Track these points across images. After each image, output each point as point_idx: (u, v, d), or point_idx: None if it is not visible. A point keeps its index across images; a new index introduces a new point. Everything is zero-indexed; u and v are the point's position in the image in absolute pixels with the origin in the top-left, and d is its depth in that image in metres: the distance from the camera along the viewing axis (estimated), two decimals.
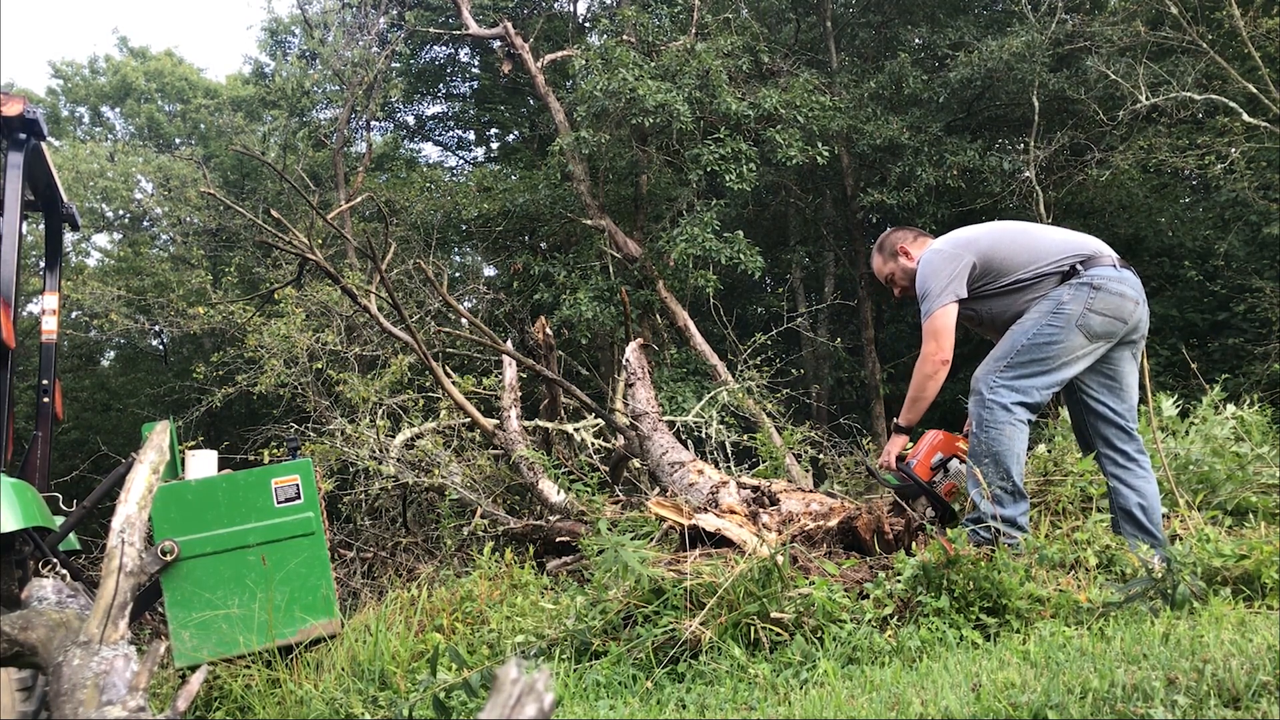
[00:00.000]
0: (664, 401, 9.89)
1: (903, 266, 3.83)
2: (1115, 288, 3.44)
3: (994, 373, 3.46)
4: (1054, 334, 3.41)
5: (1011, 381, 3.42)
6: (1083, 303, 3.41)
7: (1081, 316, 3.40)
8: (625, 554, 3.19)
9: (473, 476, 6.78)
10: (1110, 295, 3.43)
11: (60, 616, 2.72)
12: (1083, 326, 3.41)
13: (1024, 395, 3.40)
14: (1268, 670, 1.91)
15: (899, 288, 3.89)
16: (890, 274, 3.89)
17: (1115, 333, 3.46)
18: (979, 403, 3.46)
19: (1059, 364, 3.42)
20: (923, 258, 3.69)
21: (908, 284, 3.83)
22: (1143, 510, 3.45)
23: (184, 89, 23.37)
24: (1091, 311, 3.40)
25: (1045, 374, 3.42)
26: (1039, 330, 3.43)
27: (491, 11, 15.43)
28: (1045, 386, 3.44)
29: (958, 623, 2.82)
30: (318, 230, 12.45)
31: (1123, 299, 3.45)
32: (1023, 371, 3.42)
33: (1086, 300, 3.41)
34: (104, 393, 19.13)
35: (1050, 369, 3.42)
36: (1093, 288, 3.42)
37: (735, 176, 11.37)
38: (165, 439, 2.84)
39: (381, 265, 6.75)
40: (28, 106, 3.99)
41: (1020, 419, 3.40)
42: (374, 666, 3.36)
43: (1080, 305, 3.41)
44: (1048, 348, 3.40)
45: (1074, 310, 3.41)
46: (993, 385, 3.44)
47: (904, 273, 3.83)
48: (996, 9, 14.99)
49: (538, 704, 1.23)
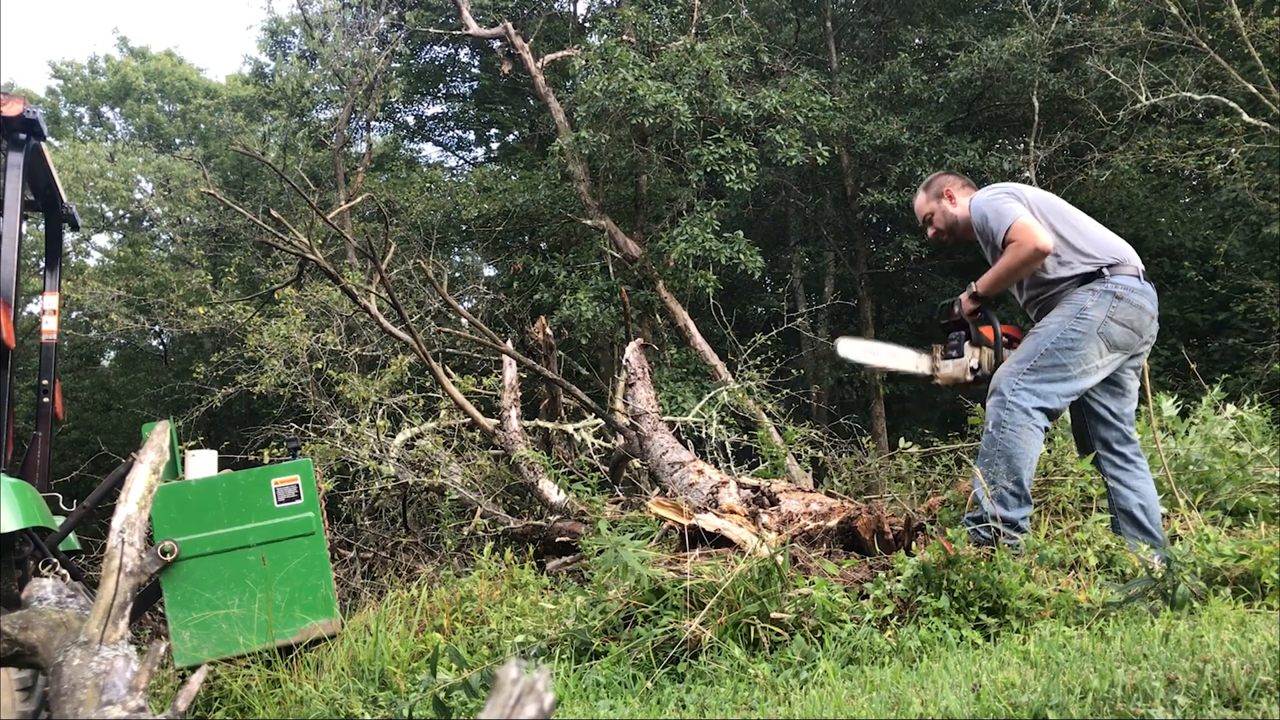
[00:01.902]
0: (664, 401, 9.88)
1: (944, 209, 3.82)
2: (1137, 300, 3.46)
3: (1016, 375, 3.45)
4: (1076, 339, 3.40)
5: (1034, 385, 3.40)
6: (1105, 310, 3.40)
7: (1103, 324, 3.40)
8: (625, 554, 3.19)
9: (473, 476, 6.78)
10: (1131, 307, 3.44)
11: (60, 616, 2.72)
12: (1103, 335, 3.41)
13: (1045, 401, 3.39)
14: (1268, 670, 1.91)
15: (934, 229, 3.89)
16: (930, 213, 3.88)
17: (1132, 345, 3.48)
18: (999, 403, 3.44)
19: (1080, 371, 3.41)
20: (982, 198, 3.66)
21: (943, 227, 3.83)
22: (1143, 511, 3.46)
23: (184, 89, 23.37)
24: (1113, 320, 3.41)
25: (1066, 381, 3.41)
26: (1062, 335, 3.41)
27: (491, 11, 15.43)
28: (1065, 394, 3.43)
29: (958, 623, 2.82)
30: (318, 230, 12.45)
31: (1142, 311, 3.46)
32: (1045, 376, 3.41)
33: (1109, 309, 3.41)
34: (104, 393, 19.13)
35: (1071, 376, 3.41)
36: (1115, 296, 3.42)
37: (735, 176, 11.37)
38: (165, 439, 2.84)
39: (381, 265, 6.75)
40: (28, 106, 3.99)
41: (1039, 424, 3.39)
42: (374, 666, 3.36)
43: (1103, 313, 3.40)
44: (1070, 353, 3.40)
45: (1096, 317, 3.40)
46: (1014, 387, 3.42)
47: (943, 215, 3.82)
48: (996, 9, 14.98)
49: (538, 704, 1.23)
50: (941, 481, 5.09)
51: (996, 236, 3.53)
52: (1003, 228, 3.50)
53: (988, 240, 3.61)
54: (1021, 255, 3.45)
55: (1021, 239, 3.44)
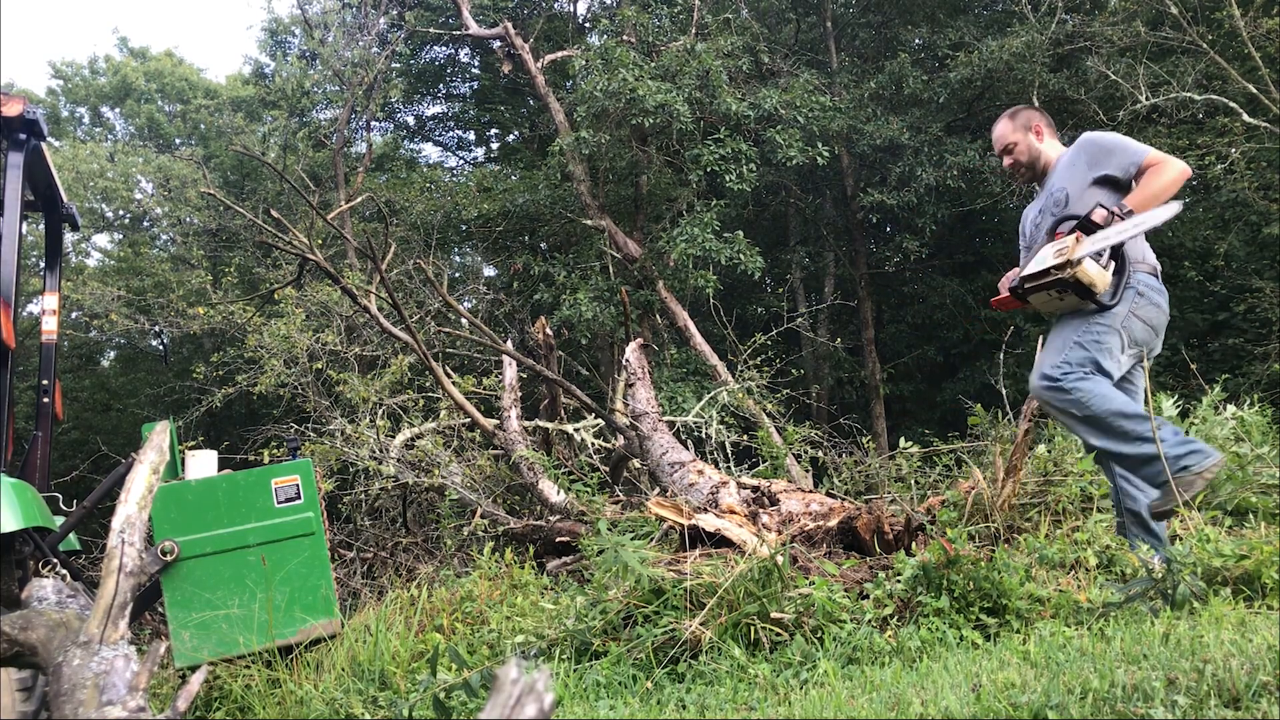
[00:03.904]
0: (664, 401, 9.88)
1: (1029, 143, 3.77)
2: (1155, 298, 3.46)
3: (1053, 364, 3.39)
4: (1101, 331, 3.39)
5: (1070, 358, 3.37)
6: (1129, 305, 3.40)
7: (1126, 319, 3.39)
8: (625, 554, 3.19)
9: (473, 476, 6.78)
10: (1151, 305, 3.44)
11: (60, 616, 2.72)
12: (1126, 329, 3.40)
13: (1087, 360, 3.35)
14: (1268, 670, 1.91)
15: (1014, 159, 3.81)
16: (1014, 143, 3.80)
17: (1149, 343, 3.47)
18: (1057, 394, 3.34)
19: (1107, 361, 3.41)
20: (1100, 136, 3.62)
21: (1025, 161, 3.77)
22: (1150, 513, 3.43)
23: (184, 89, 23.38)
24: (1135, 316, 3.40)
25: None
26: (1087, 327, 3.40)
27: (491, 11, 15.43)
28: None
29: (958, 623, 2.82)
30: (318, 230, 12.45)
31: (1160, 310, 3.46)
32: (1081, 354, 3.38)
33: (1132, 304, 3.40)
34: (104, 393, 19.13)
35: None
36: (1138, 293, 3.41)
37: (735, 177, 11.37)
38: (165, 439, 2.84)
39: (381, 265, 6.75)
40: (28, 107, 3.99)
41: (1091, 373, 3.33)
42: (374, 666, 3.36)
43: (1126, 308, 3.39)
44: (1097, 345, 3.39)
45: (1120, 311, 3.39)
46: (1057, 370, 3.36)
47: (1028, 148, 3.77)
48: (996, 9, 14.99)
49: (538, 704, 1.23)
50: (941, 481, 5.09)
51: (1137, 155, 3.47)
52: (1142, 151, 3.46)
53: (1098, 162, 3.51)
54: (1175, 174, 3.39)
55: (1170, 159, 3.41)
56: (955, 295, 14.48)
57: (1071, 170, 3.63)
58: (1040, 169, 3.78)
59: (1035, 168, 3.79)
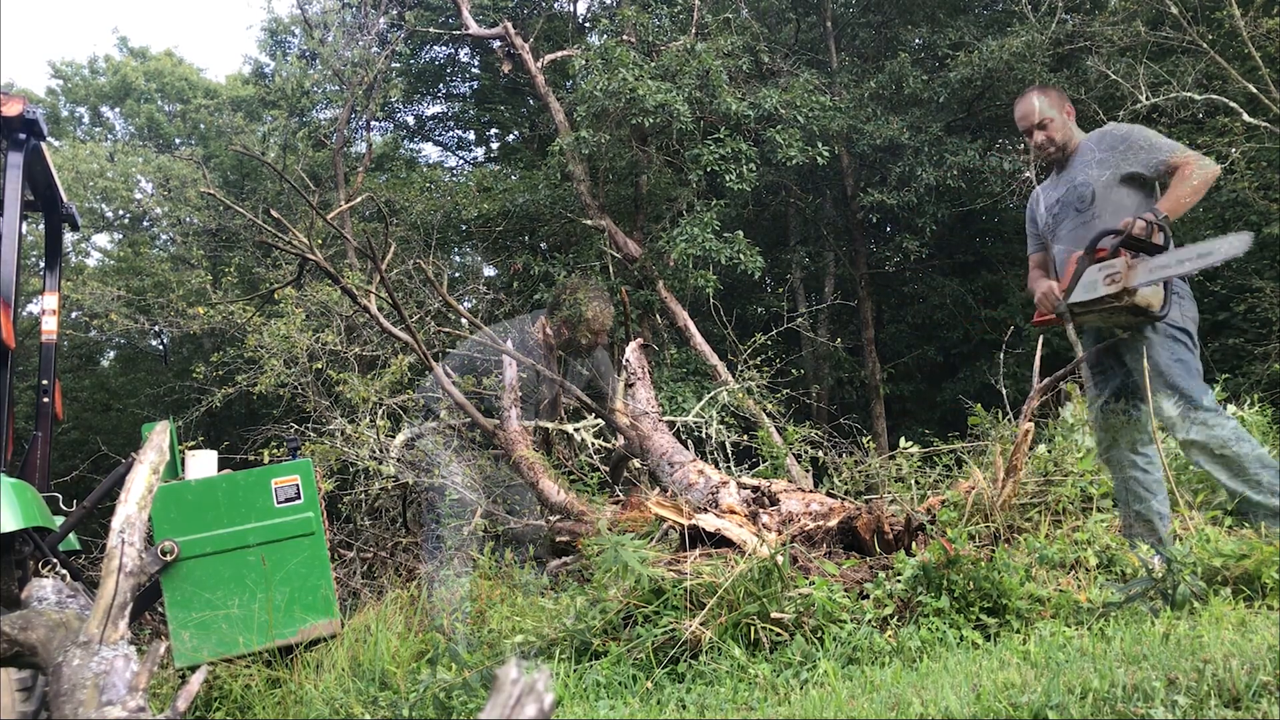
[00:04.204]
0: (664, 401, 9.88)
1: (1064, 122, 3.70)
2: (1188, 294, 3.47)
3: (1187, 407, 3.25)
4: (1183, 351, 3.37)
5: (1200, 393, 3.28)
6: (1179, 309, 3.39)
7: (1185, 323, 3.39)
8: (625, 554, 3.19)
9: (473, 476, 6.78)
10: (1190, 302, 3.45)
11: (60, 616, 2.72)
12: (1190, 334, 3.42)
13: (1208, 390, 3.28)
14: (1268, 670, 1.91)
15: (1048, 135, 3.72)
16: (1050, 119, 3.70)
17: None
18: (1203, 430, 3.20)
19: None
20: (1126, 129, 3.59)
21: (1059, 140, 3.68)
22: (1161, 519, 3.40)
23: (184, 89, 23.37)
24: (1187, 319, 3.42)
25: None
26: (1171, 350, 3.33)
27: (491, 11, 15.42)
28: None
29: (958, 623, 2.82)
30: (318, 230, 12.44)
31: (1194, 304, 3.47)
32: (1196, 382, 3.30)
33: (1182, 309, 3.40)
34: (104, 393, 19.12)
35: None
36: (1179, 295, 3.40)
37: (735, 177, 11.36)
38: (165, 439, 2.84)
39: (381, 265, 6.75)
40: (28, 106, 3.99)
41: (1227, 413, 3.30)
42: (374, 666, 3.36)
43: (1179, 312, 3.39)
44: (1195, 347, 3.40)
45: (1180, 319, 3.38)
46: (1195, 407, 3.23)
47: (1064, 128, 3.70)
48: (996, 9, 14.98)
49: (538, 704, 1.23)
50: (941, 481, 5.09)
51: (1165, 152, 3.41)
52: (1169, 148, 3.41)
53: (1124, 158, 3.46)
54: (1207, 175, 3.33)
55: (1199, 158, 3.35)
56: (955, 295, 14.47)
57: (1095, 163, 3.56)
58: (1068, 152, 3.70)
59: (1065, 150, 3.71)
